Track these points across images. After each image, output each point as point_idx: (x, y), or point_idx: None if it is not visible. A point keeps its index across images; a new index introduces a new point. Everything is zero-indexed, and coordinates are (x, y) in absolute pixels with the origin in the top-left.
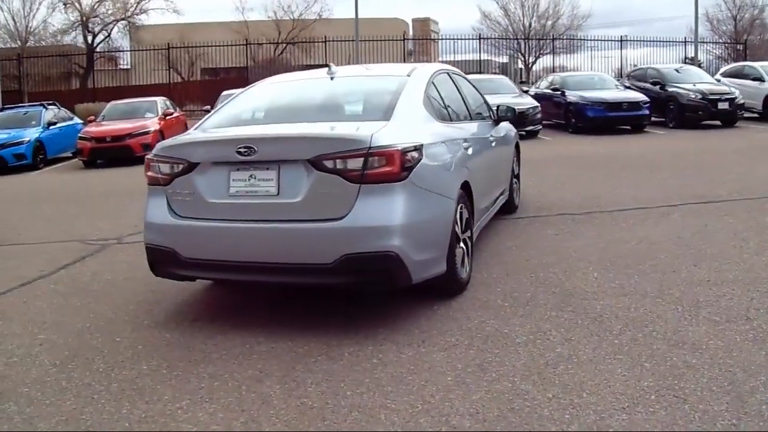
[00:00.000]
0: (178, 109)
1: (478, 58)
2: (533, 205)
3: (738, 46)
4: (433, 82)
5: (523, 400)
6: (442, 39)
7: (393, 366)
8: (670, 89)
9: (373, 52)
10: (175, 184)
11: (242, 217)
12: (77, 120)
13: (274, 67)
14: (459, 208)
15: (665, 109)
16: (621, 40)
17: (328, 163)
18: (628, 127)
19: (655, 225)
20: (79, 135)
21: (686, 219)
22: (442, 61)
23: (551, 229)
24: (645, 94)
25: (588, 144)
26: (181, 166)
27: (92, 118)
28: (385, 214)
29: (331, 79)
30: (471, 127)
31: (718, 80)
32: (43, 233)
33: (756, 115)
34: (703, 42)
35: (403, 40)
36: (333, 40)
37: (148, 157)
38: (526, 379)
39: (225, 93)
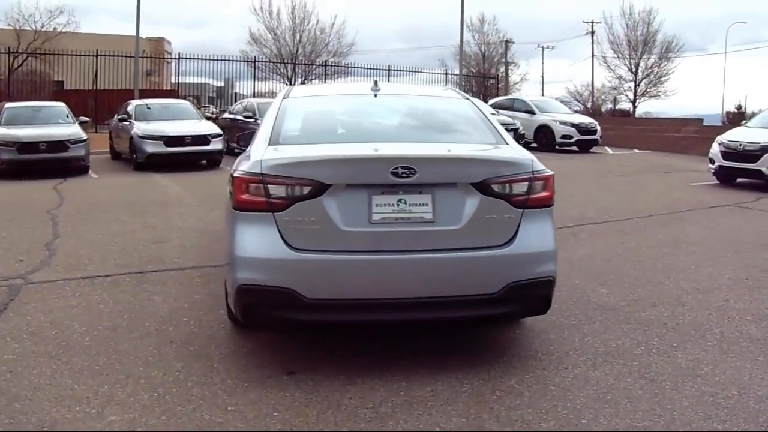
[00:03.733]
0: None
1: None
2: None
3: (491, 80)
4: None
5: (725, 400)
6: (210, 59)
7: (578, 390)
8: None
9: (115, 69)
10: (295, 210)
11: (388, 248)
12: None
13: (33, 79)
14: None
15: None
16: (389, 70)
17: (497, 187)
18: None
19: (578, 244)
20: None
21: (599, 238)
22: (175, 84)
23: None
24: None
25: None
26: (307, 189)
27: None
28: (545, 240)
29: (375, 96)
30: None
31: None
32: None
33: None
34: (465, 75)
35: (177, 59)
36: (105, 55)
37: (240, 175)
38: (694, 380)
39: (8, 105)
